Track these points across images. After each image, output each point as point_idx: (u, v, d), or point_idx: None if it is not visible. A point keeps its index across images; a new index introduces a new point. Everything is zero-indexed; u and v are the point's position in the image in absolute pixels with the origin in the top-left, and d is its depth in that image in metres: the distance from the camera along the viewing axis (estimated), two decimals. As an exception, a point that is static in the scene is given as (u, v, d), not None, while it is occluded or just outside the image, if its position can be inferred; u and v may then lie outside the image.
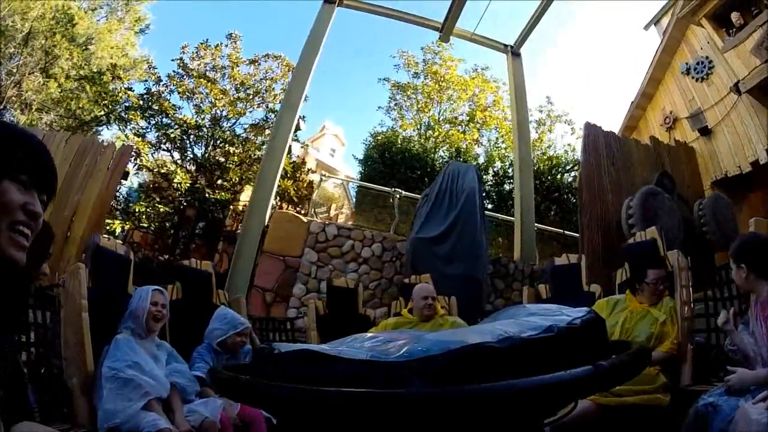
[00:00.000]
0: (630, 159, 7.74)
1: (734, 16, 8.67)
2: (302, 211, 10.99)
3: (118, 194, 10.97)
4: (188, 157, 12.12)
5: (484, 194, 7.29)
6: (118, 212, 10.90)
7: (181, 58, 12.88)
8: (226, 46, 13.47)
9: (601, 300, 3.59)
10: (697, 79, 9.40)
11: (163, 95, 12.23)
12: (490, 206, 13.24)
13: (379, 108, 18.18)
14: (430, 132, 17.01)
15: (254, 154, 11.39)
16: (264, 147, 10.41)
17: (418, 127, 17.36)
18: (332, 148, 31.11)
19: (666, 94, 10.48)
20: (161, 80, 12.54)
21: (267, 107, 12.84)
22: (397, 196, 9.10)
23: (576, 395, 1.40)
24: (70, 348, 2.78)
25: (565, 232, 10.67)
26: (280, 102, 13.06)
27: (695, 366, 3.12)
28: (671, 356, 3.05)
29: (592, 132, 7.54)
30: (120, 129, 11.85)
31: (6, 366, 1.20)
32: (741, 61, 8.39)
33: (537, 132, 17.05)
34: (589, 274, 5.46)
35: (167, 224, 11.20)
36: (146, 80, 12.86)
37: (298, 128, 9.96)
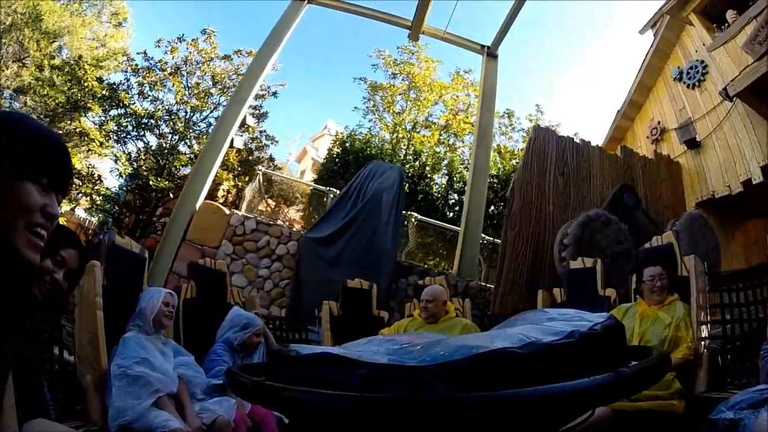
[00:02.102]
0: (589, 169, 7.17)
1: (730, 15, 7.58)
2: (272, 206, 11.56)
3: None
4: (150, 146, 13.31)
5: (401, 196, 6.74)
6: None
7: (144, 51, 13.95)
8: (204, 41, 14.37)
9: (613, 309, 3.57)
10: (689, 86, 8.34)
11: (142, 86, 13.44)
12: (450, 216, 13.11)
13: (356, 108, 18.00)
14: (393, 134, 16.88)
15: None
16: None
17: (391, 129, 17.23)
18: (330, 148, 31.08)
19: (656, 102, 9.41)
20: (138, 71, 13.64)
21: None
22: (331, 195, 9.05)
23: (598, 402, 1.39)
24: (84, 346, 2.79)
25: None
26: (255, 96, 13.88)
27: (710, 372, 3.08)
28: (687, 362, 3.02)
29: (540, 135, 7.06)
30: (86, 117, 12.81)
31: (7, 366, 1.20)
32: (734, 63, 7.31)
33: (523, 142, 16.69)
34: (501, 303, 5.25)
35: (116, 207, 12.55)
36: (126, 71, 13.96)
37: (244, 123, 10.22)
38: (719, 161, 7.53)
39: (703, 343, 3.14)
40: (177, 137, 13.41)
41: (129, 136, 13.05)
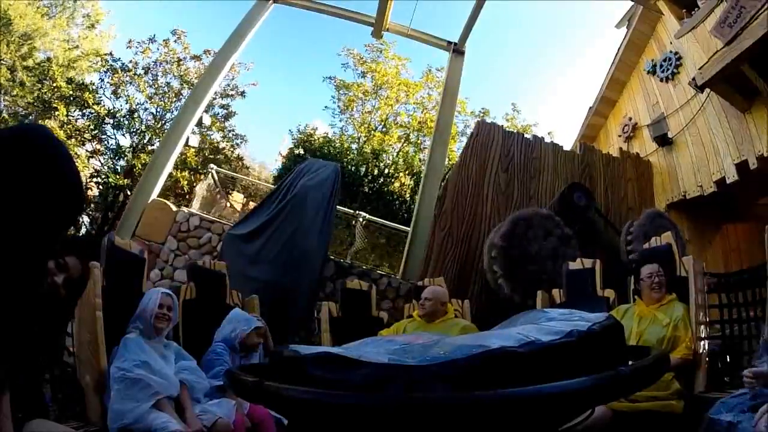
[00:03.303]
0: (539, 166, 6.74)
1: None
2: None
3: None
4: (117, 145, 14.05)
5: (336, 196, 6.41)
6: None
7: (111, 52, 14.71)
8: (175, 41, 15.09)
9: (612, 310, 3.57)
10: (662, 79, 7.66)
11: (113, 86, 14.16)
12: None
13: (326, 108, 18.13)
14: (351, 134, 17.07)
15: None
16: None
17: (359, 128, 17.31)
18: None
19: (630, 98, 8.76)
20: (111, 71, 14.34)
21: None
22: None
23: (597, 401, 1.39)
24: (84, 347, 2.79)
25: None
26: (222, 96, 15.22)
27: (709, 372, 3.09)
28: (686, 361, 3.02)
29: (483, 131, 6.63)
30: (53, 117, 13.24)
31: (6, 366, 1.23)
32: (704, 50, 6.56)
33: None
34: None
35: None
36: (100, 71, 14.66)
37: (200, 123, 10.39)
38: (692, 159, 6.91)
39: (702, 342, 3.14)
40: (146, 136, 14.01)
41: (105, 135, 13.75)
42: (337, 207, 10.20)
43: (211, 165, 11.62)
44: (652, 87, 8.01)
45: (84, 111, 13.51)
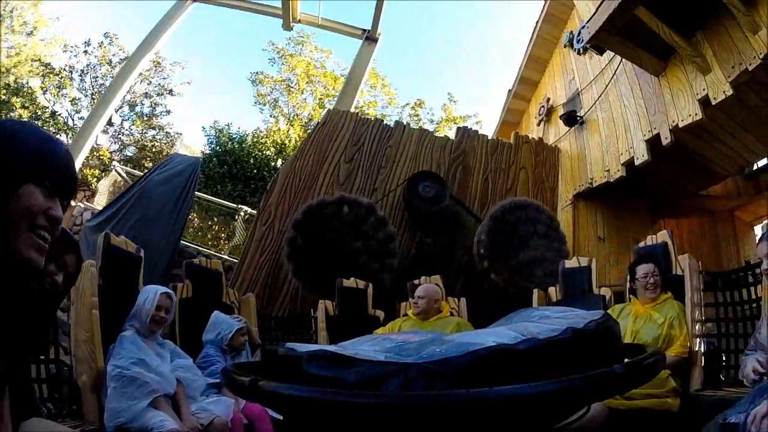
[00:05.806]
0: (395, 155, 6.19)
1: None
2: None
3: None
4: None
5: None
6: None
7: (39, 59, 15.46)
8: (109, 44, 15.97)
9: (609, 309, 3.57)
10: (579, 52, 6.57)
11: (45, 90, 14.99)
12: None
13: (257, 104, 18.39)
14: (262, 128, 17.26)
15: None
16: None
17: (275, 122, 17.53)
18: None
19: (551, 77, 7.72)
20: (48, 75, 15.16)
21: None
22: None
23: (593, 398, 1.40)
24: (80, 345, 2.78)
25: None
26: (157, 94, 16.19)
27: (705, 370, 3.09)
28: (682, 360, 3.03)
29: (332, 120, 6.19)
30: None
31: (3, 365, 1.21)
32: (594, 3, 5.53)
33: (436, 131, 15.98)
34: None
35: None
36: (40, 75, 15.33)
37: (110, 122, 10.66)
38: (601, 139, 5.90)
39: (697, 341, 3.14)
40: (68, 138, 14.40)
41: None
42: (220, 201, 10.48)
43: (115, 162, 11.78)
44: (570, 62, 7.08)
45: (18, 114, 14.01)
